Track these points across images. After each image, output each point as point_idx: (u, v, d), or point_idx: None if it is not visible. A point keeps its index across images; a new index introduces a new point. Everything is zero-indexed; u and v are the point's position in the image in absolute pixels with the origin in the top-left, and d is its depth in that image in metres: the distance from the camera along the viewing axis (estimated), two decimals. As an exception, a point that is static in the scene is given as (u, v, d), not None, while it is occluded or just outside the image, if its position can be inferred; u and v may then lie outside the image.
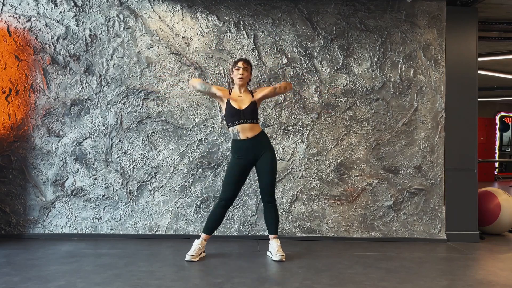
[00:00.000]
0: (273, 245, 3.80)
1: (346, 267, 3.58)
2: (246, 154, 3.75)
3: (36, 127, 4.46)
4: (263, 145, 3.78)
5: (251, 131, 3.73)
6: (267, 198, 3.81)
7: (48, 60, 4.46)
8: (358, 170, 4.59)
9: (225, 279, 3.20)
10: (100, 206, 4.48)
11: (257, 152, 3.76)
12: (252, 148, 3.74)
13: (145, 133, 4.50)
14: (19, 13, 4.46)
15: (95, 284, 3.06)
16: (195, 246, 3.75)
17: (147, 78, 4.49)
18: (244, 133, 3.72)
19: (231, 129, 3.76)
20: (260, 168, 3.79)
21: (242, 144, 3.74)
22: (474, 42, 4.67)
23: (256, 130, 3.77)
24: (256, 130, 3.77)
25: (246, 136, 3.72)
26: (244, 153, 3.75)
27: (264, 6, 4.55)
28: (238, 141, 3.75)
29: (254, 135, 3.74)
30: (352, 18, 4.58)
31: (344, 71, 4.58)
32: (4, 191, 4.45)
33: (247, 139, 3.73)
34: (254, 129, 3.75)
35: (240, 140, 3.74)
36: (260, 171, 3.80)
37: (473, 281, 3.32)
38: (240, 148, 3.76)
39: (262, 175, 3.79)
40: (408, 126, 4.61)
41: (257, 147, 3.75)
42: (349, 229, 4.57)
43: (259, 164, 3.79)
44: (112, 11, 4.49)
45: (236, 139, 3.76)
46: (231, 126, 3.75)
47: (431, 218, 4.57)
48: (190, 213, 4.51)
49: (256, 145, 3.75)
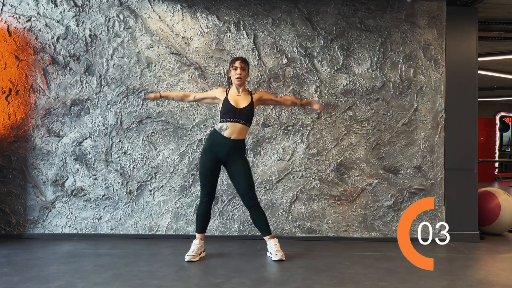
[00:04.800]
0: (271, 245, 3.80)
1: (346, 267, 3.58)
2: (221, 150, 3.72)
3: (36, 127, 4.46)
4: (239, 151, 3.76)
5: (238, 133, 3.72)
6: (250, 202, 3.80)
7: (48, 60, 4.46)
8: (358, 170, 4.58)
9: (225, 279, 3.21)
10: (100, 206, 4.48)
11: (231, 155, 3.73)
12: (228, 149, 3.71)
13: (145, 133, 4.50)
14: (19, 13, 4.46)
15: (95, 284, 3.06)
16: (194, 247, 3.76)
17: (147, 78, 4.49)
18: (231, 132, 3.70)
19: (221, 124, 3.74)
20: (235, 174, 3.78)
21: (222, 140, 3.72)
22: (474, 42, 4.67)
23: (242, 135, 3.76)
24: (242, 135, 3.76)
25: (231, 135, 3.71)
26: (220, 149, 3.72)
27: (264, 6, 4.55)
28: (220, 135, 3.72)
29: (237, 138, 3.73)
30: (352, 18, 4.58)
31: (344, 71, 4.58)
32: (4, 191, 4.45)
33: (230, 138, 3.71)
34: (241, 133, 3.74)
35: (222, 136, 3.71)
36: (236, 178, 3.78)
37: (473, 281, 3.32)
38: (217, 142, 3.73)
39: (239, 182, 3.78)
40: (408, 126, 4.61)
41: (233, 151, 3.73)
42: (349, 229, 4.57)
43: (233, 170, 3.77)
44: (112, 11, 4.49)
45: (219, 133, 3.73)
46: (223, 121, 3.73)
47: (431, 218, 4.57)
48: (190, 213, 4.50)
49: (233, 148, 3.72)
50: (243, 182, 3.76)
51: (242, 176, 3.76)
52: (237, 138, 3.73)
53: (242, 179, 3.76)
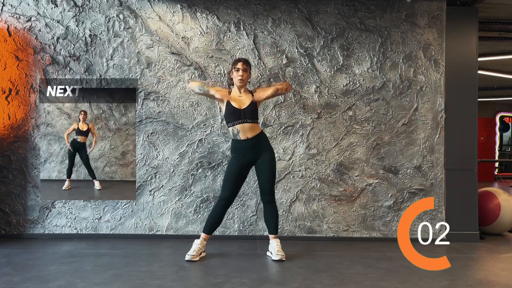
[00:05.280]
0: (273, 245, 3.80)
1: (346, 267, 3.58)
2: (246, 154, 3.75)
3: (36, 127, 4.46)
4: (262, 145, 3.78)
5: (251, 131, 3.73)
6: (267, 198, 3.81)
7: (48, 60, 4.46)
8: (358, 170, 4.58)
9: (225, 279, 3.21)
10: (100, 206, 4.48)
11: (257, 152, 3.76)
12: (252, 148, 3.74)
13: (145, 133, 4.50)
14: (19, 13, 4.46)
15: (95, 284, 3.06)
16: (195, 246, 3.76)
17: (147, 78, 4.49)
18: (244, 133, 3.72)
19: (231, 129, 3.76)
20: (260, 167, 3.79)
21: (242, 144, 3.74)
22: (474, 42, 4.67)
23: (256, 130, 3.77)
24: (256, 130, 3.77)
25: (246, 136, 3.72)
26: (244, 153, 3.75)
27: (264, 6, 4.55)
28: (238, 141, 3.75)
29: (254, 135, 3.74)
30: (352, 18, 4.58)
31: (344, 71, 4.58)
32: (4, 191, 4.45)
33: (247, 139, 3.73)
34: (254, 129, 3.75)
35: (240, 140, 3.74)
36: (260, 171, 3.80)
37: (473, 281, 3.32)
38: (240, 148, 3.76)
39: (262, 175, 3.79)
40: (408, 126, 4.61)
41: (256, 147, 3.75)
42: (349, 229, 4.57)
43: (258, 163, 3.79)
44: (112, 11, 4.49)
45: (236, 139, 3.76)
46: (231, 125, 3.74)
47: (431, 218, 4.57)
48: (190, 213, 4.50)
49: (256, 145, 3.75)
50: (266, 176, 3.77)
51: (266, 170, 3.77)
52: (254, 135, 3.74)
53: (266, 173, 3.77)
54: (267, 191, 3.80)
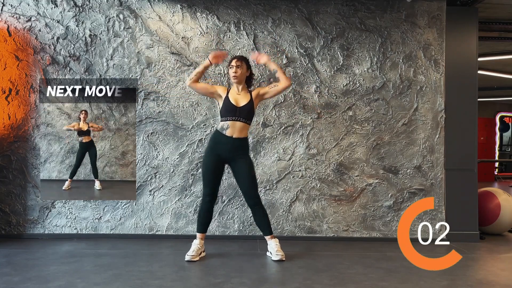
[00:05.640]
0: (272, 245, 3.80)
1: (346, 267, 3.58)
2: (224, 150, 3.74)
3: (36, 127, 4.46)
4: (242, 150, 3.77)
5: (240, 131, 3.73)
6: (252, 201, 3.81)
7: (48, 60, 4.46)
8: (358, 170, 4.58)
9: (225, 279, 3.21)
10: (100, 206, 4.48)
11: (235, 154, 3.75)
12: (231, 147, 3.73)
13: (145, 133, 4.50)
14: (19, 13, 4.46)
15: (95, 284, 3.06)
16: (194, 246, 3.76)
17: (147, 78, 4.49)
18: (232, 130, 3.71)
19: (222, 123, 3.75)
20: (239, 173, 3.79)
21: (224, 139, 3.73)
22: (474, 42, 4.67)
23: (244, 133, 3.77)
24: (244, 133, 3.77)
25: (232, 134, 3.72)
26: (223, 149, 3.74)
27: (264, 6, 4.55)
28: (222, 135, 3.74)
29: (239, 137, 3.74)
30: (352, 18, 4.58)
31: (344, 71, 4.58)
32: (4, 191, 4.45)
33: (232, 137, 3.72)
34: (243, 131, 3.75)
35: (224, 135, 3.73)
36: (239, 177, 3.79)
37: (473, 281, 3.32)
38: (220, 142, 3.74)
39: (242, 180, 3.78)
40: (408, 126, 4.61)
41: (237, 149, 3.74)
42: (349, 229, 4.57)
43: (237, 169, 3.79)
44: (112, 11, 4.49)
45: (221, 132, 3.74)
46: (223, 120, 3.75)
47: (431, 218, 4.57)
48: (190, 213, 4.50)
49: (237, 147, 3.74)
50: (247, 181, 3.76)
51: (245, 175, 3.76)
52: (239, 137, 3.74)
53: (246, 178, 3.76)
54: (251, 196, 3.79)
